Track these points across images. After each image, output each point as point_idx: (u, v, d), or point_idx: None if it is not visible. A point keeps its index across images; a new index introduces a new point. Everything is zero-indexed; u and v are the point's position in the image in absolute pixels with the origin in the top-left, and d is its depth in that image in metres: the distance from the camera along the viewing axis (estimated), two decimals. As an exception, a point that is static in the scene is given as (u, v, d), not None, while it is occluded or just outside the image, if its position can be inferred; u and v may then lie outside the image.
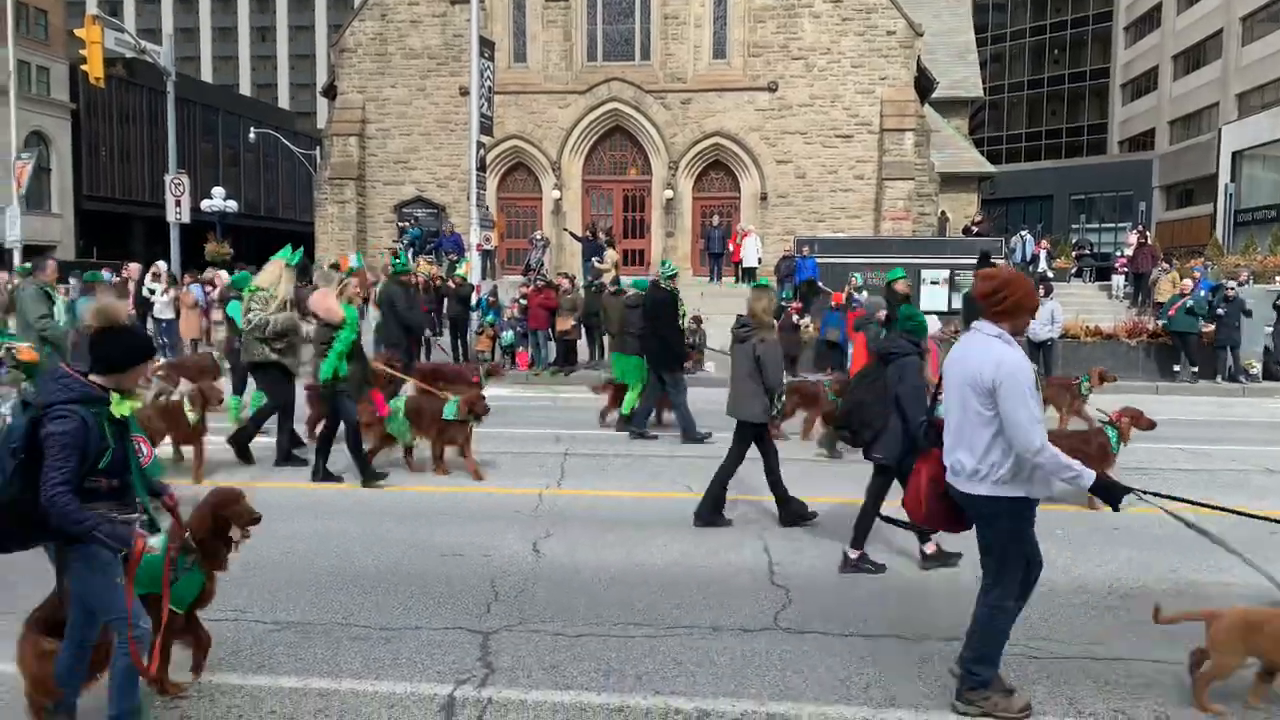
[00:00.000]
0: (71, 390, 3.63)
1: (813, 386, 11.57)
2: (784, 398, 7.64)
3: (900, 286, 10.40)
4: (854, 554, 6.34)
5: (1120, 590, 6.00)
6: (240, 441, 9.41)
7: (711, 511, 7.36)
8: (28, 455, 3.57)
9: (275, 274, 9.29)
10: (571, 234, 27.33)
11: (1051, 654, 4.93)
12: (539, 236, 26.65)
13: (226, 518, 4.35)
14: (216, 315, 19.23)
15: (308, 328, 9.35)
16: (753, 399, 7.34)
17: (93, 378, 3.73)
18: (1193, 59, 49.27)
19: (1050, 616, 5.50)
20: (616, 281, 19.11)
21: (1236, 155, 40.69)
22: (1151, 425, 8.48)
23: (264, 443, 9.55)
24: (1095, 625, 5.40)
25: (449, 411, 8.90)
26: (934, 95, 33.08)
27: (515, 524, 7.34)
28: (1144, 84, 54.57)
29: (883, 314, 10.45)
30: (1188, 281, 18.69)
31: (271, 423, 9.55)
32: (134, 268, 20.01)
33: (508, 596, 5.73)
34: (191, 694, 4.36)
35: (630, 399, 11.76)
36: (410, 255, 24.12)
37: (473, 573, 6.16)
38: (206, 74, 75.53)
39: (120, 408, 3.75)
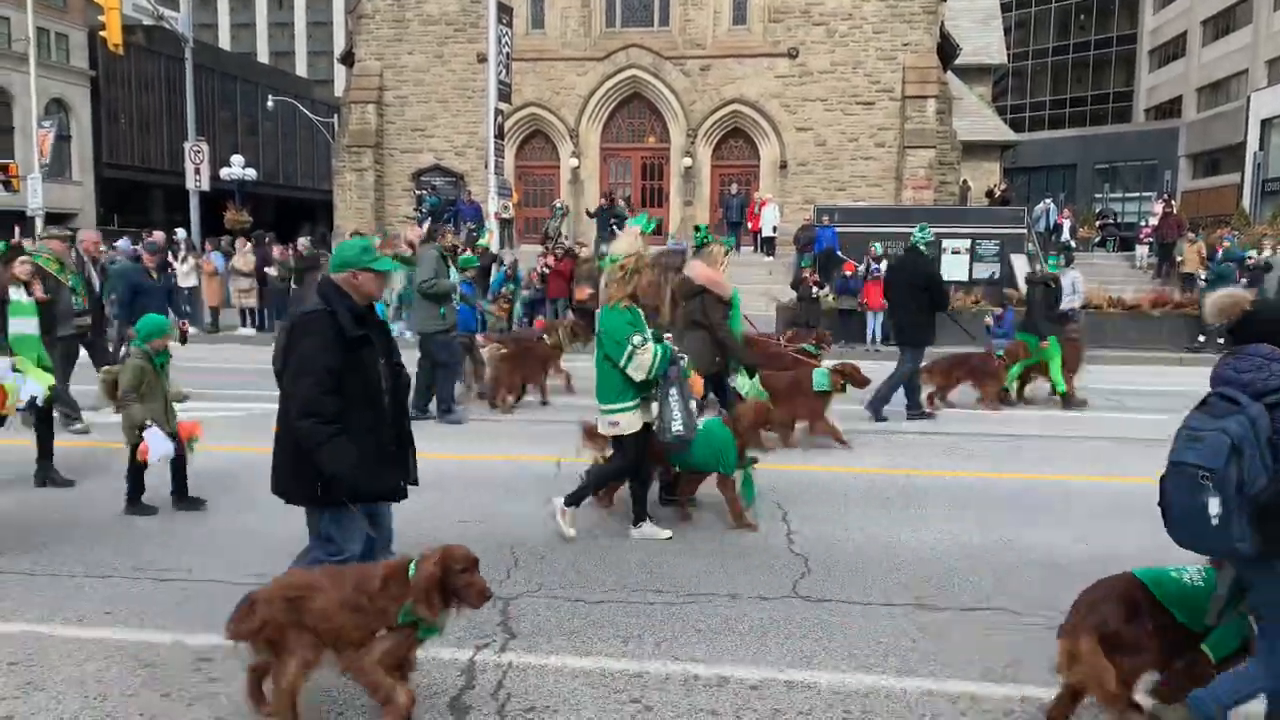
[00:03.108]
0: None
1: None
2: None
3: None
4: None
5: (1142, 561, 5.93)
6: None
7: None
8: None
9: (632, 243, 9.10)
10: (589, 212, 27.27)
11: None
12: (559, 205, 26.57)
13: None
14: (244, 283, 19.21)
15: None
16: None
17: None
18: (1222, 24, 48.29)
19: (1070, 587, 5.45)
20: (635, 250, 19.02)
21: (1266, 123, 39.98)
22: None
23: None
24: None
25: (820, 382, 8.73)
26: (957, 62, 32.64)
27: (534, 491, 7.36)
28: (1172, 50, 53.56)
29: None
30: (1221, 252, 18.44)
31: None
32: (158, 235, 20.07)
33: (527, 563, 5.76)
34: (216, 657, 4.41)
35: (1055, 373, 11.60)
36: (428, 224, 24.11)
37: (492, 539, 6.19)
38: (224, 41, 75.26)
39: None
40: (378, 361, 4.29)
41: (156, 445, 6.52)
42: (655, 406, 6.12)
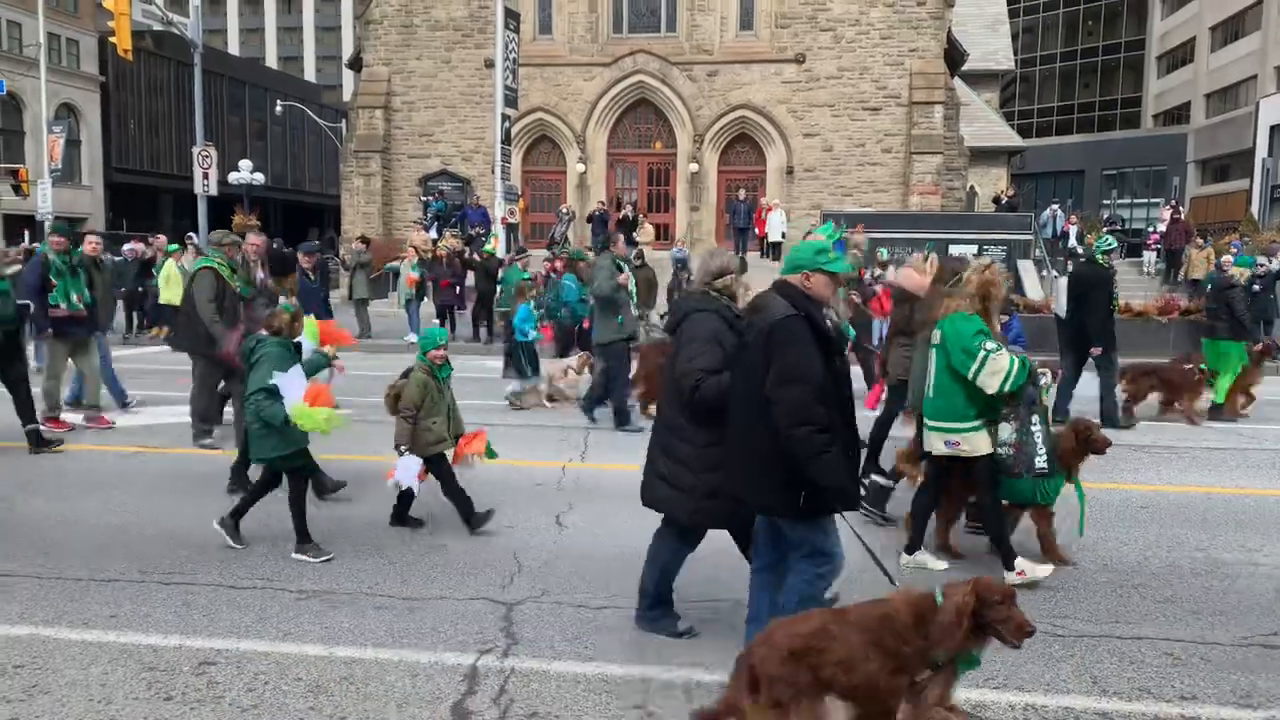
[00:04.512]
0: None
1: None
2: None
3: None
4: None
5: (1148, 569, 5.94)
6: None
7: None
8: None
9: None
10: (589, 218, 27.31)
11: (1076, 632, 4.89)
12: (565, 210, 26.63)
13: None
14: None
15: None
16: None
17: None
18: (1231, 30, 48.21)
19: (1075, 595, 5.46)
20: (640, 256, 19.08)
21: (1275, 129, 39.92)
22: None
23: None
24: (1121, 603, 5.35)
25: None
26: (964, 68, 32.63)
27: (538, 497, 7.37)
28: (1180, 56, 53.48)
29: None
30: (1228, 258, 18.32)
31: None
32: (162, 239, 20.15)
33: (531, 568, 5.76)
34: (219, 661, 4.43)
35: (1222, 385, 11.22)
36: (436, 228, 24.18)
37: (496, 545, 6.19)
38: (233, 46, 75.58)
39: None
40: (846, 368, 4.10)
41: (405, 474, 6.26)
42: (1007, 430, 5.58)
